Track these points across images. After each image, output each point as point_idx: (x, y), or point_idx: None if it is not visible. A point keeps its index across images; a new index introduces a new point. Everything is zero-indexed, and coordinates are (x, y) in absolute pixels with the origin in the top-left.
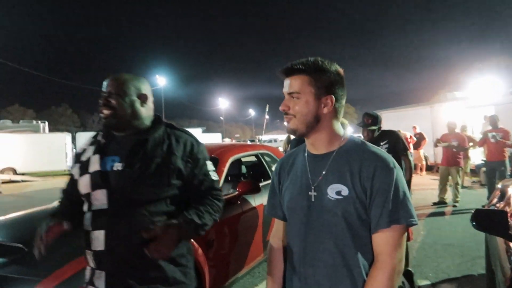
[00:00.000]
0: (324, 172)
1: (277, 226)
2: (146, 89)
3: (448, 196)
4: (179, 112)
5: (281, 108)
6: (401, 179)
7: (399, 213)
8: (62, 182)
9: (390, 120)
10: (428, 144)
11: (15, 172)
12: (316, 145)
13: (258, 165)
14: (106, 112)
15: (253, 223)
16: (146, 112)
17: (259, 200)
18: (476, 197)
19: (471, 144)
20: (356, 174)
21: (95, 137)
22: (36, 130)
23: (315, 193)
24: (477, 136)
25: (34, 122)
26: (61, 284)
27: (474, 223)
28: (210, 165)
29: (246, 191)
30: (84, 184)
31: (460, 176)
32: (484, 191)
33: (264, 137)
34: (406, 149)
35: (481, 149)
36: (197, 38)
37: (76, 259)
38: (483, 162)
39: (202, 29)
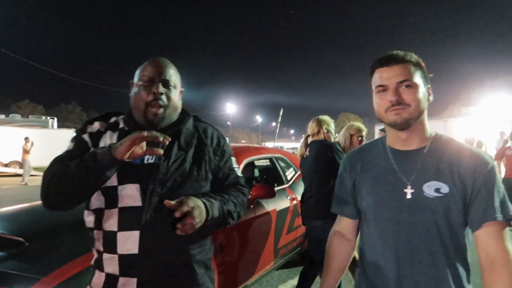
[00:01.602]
0: (417, 169)
1: (344, 224)
2: None
3: None
4: None
5: (391, 98)
6: (498, 174)
7: (507, 207)
8: None
9: None
10: None
11: (21, 166)
12: (410, 139)
13: (272, 169)
14: (163, 103)
15: (266, 229)
16: (180, 103)
17: (272, 206)
18: None
19: None
20: (455, 171)
21: (111, 121)
22: (45, 125)
23: (412, 190)
24: (491, 153)
25: (44, 117)
26: (62, 284)
27: None
28: (234, 162)
29: (260, 195)
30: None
31: None
32: None
33: (269, 144)
34: None
35: (498, 166)
36: (207, 43)
37: (80, 257)
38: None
39: (212, 34)
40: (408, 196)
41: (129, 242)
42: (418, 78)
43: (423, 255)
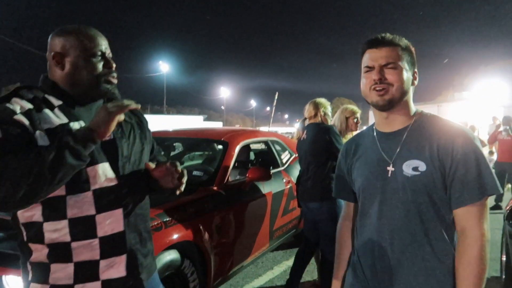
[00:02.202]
0: (398, 149)
1: (346, 208)
2: None
3: None
4: (180, 99)
5: (375, 77)
6: (480, 148)
7: (484, 183)
8: None
9: None
10: None
11: None
12: (393, 121)
13: (267, 152)
14: (116, 78)
15: (261, 212)
16: None
17: (268, 188)
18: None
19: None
20: (434, 148)
21: (30, 97)
22: None
23: (393, 169)
24: (484, 138)
25: None
26: None
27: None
28: None
29: (256, 177)
30: None
31: None
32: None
33: (263, 129)
34: None
35: (488, 149)
36: (201, 26)
37: None
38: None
39: (206, 18)
40: (389, 175)
41: (113, 221)
42: (404, 61)
43: (403, 233)
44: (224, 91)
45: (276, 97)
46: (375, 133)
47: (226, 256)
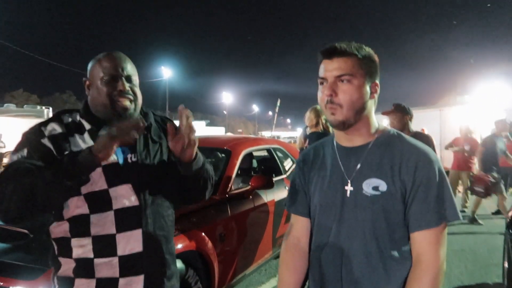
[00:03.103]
0: (358, 166)
1: (297, 223)
2: None
3: (457, 201)
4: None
5: (327, 93)
6: (443, 173)
7: (444, 209)
8: None
9: None
10: (435, 147)
11: None
12: (353, 136)
13: (270, 160)
14: (129, 98)
15: (264, 220)
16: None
17: (270, 196)
18: (484, 202)
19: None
20: (395, 168)
21: (68, 121)
22: (40, 115)
23: (351, 188)
24: None
25: (39, 107)
26: None
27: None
28: None
29: (259, 186)
30: (92, 179)
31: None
32: (492, 198)
33: (266, 133)
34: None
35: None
36: (203, 31)
37: None
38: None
39: (209, 22)
40: (348, 194)
41: (132, 241)
42: (360, 73)
43: (358, 256)
44: (226, 96)
45: (278, 104)
46: (335, 146)
47: (229, 264)
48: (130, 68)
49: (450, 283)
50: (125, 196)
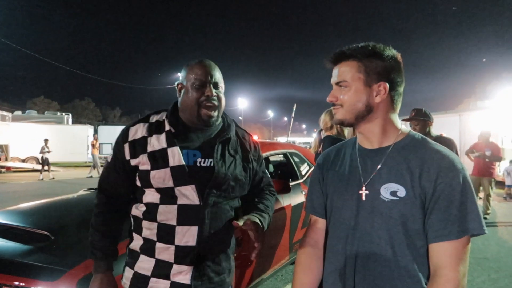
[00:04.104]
0: (377, 169)
1: (314, 224)
2: None
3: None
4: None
5: (328, 99)
6: (468, 181)
7: (467, 221)
8: (83, 173)
9: None
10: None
11: (38, 161)
12: (369, 137)
13: (286, 164)
14: (216, 103)
15: (281, 224)
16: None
17: (287, 201)
18: (506, 210)
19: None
20: (416, 173)
21: (152, 120)
22: (60, 121)
23: (367, 192)
24: (507, 148)
25: (59, 113)
26: (88, 276)
27: None
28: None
29: (276, 190)
30: (162, 178)
31: (492, 187)
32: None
33: (282, 139)
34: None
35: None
36: (219, 37)
37: None
38: None
39: (225, 29)
40: (364, 197)
41: (188, 235)
42: (356, 77)
43: (372, 264)
44: (242, 102)
45: (294, 109)
46: (356, 148)
47: (246, 269)
48: (218, 75)
49: None
50: (187, 195)
